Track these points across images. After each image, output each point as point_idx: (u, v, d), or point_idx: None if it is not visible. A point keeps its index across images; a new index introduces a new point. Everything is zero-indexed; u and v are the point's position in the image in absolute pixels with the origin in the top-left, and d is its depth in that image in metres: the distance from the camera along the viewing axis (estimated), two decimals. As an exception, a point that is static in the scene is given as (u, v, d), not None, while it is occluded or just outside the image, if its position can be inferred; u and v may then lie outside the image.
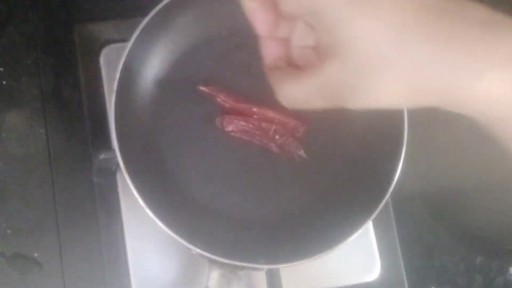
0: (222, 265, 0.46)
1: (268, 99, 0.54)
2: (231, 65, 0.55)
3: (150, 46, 0.51)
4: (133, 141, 0.50)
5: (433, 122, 0.63)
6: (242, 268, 0.46)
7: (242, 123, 0.52)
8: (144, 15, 0.48)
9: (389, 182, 0.48)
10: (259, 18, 0.35)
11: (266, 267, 0.49)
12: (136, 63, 0.50)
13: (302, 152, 0.53)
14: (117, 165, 0.46)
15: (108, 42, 0.57)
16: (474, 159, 0.63)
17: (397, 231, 0.59)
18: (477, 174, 0.63)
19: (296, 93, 0.33)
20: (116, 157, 0.45)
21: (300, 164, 0.53)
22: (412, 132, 0.49)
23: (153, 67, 0.52)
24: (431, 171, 0.62)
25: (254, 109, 0.53)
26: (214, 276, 0.47)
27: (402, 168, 0.48)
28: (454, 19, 0.28)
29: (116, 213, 0.54)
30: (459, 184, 0.63)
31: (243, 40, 0.55)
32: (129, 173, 0.45)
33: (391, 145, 0.50)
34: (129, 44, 0.48)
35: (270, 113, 0.53)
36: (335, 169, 0.53)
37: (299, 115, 0.54)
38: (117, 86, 0.47)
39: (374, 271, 0.56)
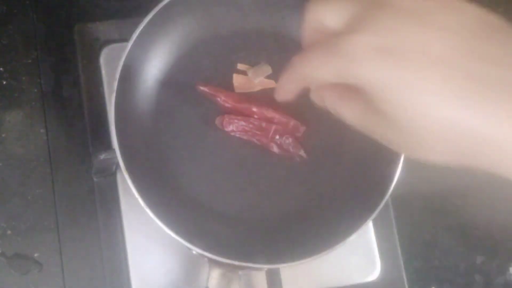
0: (222, 265, 0.46)
1: (268, 99, 0.54)
2: (231, 65, 0.55)
3: (150, 46, 0.51)
4: (133, 141, 0.50)
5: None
6: (242, 268, 0.46)
7: (242, 123, 0.52)
8: (144, 15, 0.48)
9: (389, 182, 0.48)
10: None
11: (266, 267, 0.49)
12: (136, 63, 0.50)
13: (302, 152, 0.53)
14: (117, 165, 0.46)
15: (108, 42, 0.57)
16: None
17: (397, 231, 0.59)
18: (477, 174, 0.63)
19: (347, 115, 0.32)
20: (116, 157, 0.45)
21: (300, 164, 0.53)
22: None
23: (153, 67, 0.52)
24: (431, 171, 0.62)
25: (254, 109, 0.53)
26: (214, 276, 0.47)
27: (402, 168, 0.48)
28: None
29: (116, 213, 0.54)
30: (459, 184, 0.63)
31: (243, 40, 0.55)
32: (129, 173, 0.45)
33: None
34: (129, 44, 0.48)
35: (270, 113, 0.53)
36: (335, 169, 0.53)
37: (299, 115, 0.54)
38: (117, 86, 0.47)
39: (374, 271, 0.56)
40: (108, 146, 0.53)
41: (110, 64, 0.56)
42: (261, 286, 0.54)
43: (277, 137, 0.53)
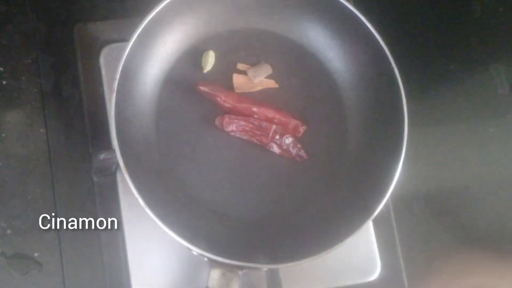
0: (222, 265, 0.46)
1: (268, 99, 0.54)
2: (231, 65, 0.55)
3: (150, 46, 0.51)
4: (133, 141, 0.50)
5: (433, 122, 0.63)
6: (242, 268, 0.46)
7: (242, 123, 0.52)
8: (144, 15, 0.48)
9: (389, 182, 0.48)
10: None
11: (266, 267, 0.49)
12: (136, 63, 0.50)
13: (302, 152, 0.53)
14: (117, 165, 0.46)
15: (108, 42, 0.57)
16: (474, 160, 0.63)
17: (397, 231, 0.59)
18: (477, 174, 0.63)
19: None
20: (116, 157, 0.45)
21: (300, 164, 0.53)
22: (412, 132, 0.49)
23: (153, 67, 0.52)
24: (431, 171, 0.62)
25: (254, 109, 0.53)
26: (214, 276, 0.47)
27: (402, 168, 0.48)
28: None
29: (116, 213, 0.54)
30: (459, 184, 0.63)
31: (243, 40, 0.55)
32: (129, 173, 0.45)
33: (391, 145, 0.50)
34: (129, 44, 0.48)
35: (270, 113, 0.53)
36: (335, 169, 0.53)
37: (299, 115, 0.54)
38: (117, 86, 0.47)
39: (374, 271, 0.56)
40: (108, 146, 0.53)
41: (110, 64, 0.56)
42: (261, 286, 0.54)
43: (277, 137, 0.53)
